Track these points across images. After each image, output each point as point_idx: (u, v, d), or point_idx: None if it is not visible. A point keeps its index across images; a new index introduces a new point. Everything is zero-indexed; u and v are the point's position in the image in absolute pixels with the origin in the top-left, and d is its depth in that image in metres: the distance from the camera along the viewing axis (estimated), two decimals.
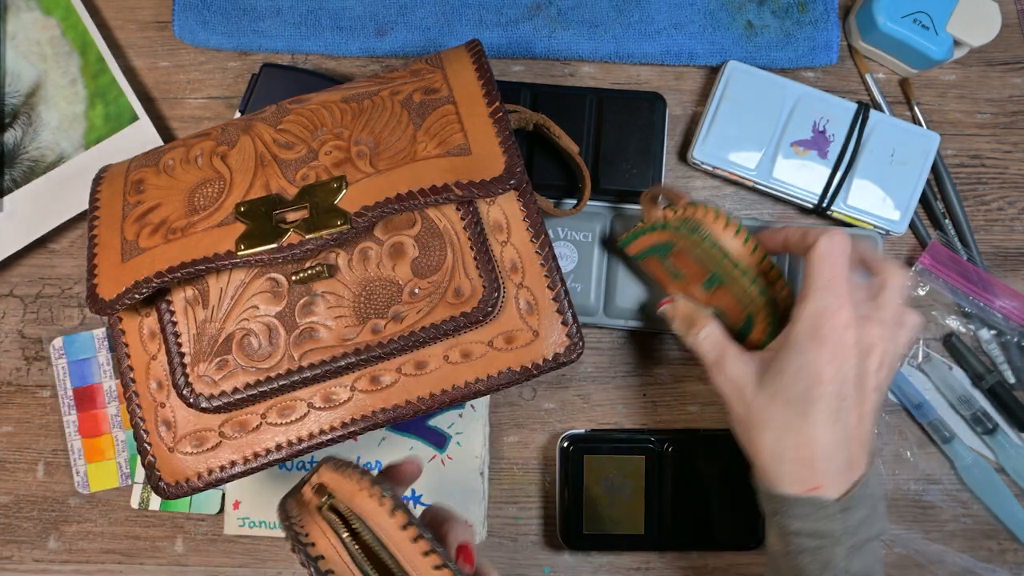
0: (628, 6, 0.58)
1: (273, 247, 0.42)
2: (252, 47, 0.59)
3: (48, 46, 0.57)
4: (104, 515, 0.57)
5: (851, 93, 0.60)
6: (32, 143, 0.56)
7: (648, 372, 0.58)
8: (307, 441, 0.45)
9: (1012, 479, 0.57)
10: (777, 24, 0.58)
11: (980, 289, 0.57)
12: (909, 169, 0.56)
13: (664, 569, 0.57)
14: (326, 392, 0.45)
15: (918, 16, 0.56)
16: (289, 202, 0.43)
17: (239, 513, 0.55)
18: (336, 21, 0.58)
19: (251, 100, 0.57)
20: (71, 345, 0.57)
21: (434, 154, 0.44)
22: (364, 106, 0.46)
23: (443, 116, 0.45)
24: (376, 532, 0.34)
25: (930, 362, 0.58)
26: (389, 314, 0.44)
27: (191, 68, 0.60)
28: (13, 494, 0.57)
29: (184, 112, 0.60)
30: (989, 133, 0.60)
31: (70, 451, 0.56)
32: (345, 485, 0.35)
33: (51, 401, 0.58)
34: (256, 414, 0.45)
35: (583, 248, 0.56)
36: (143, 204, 0.46)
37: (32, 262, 0.58)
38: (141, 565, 0.57)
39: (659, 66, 0.60)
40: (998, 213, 0.59)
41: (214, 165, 0.46)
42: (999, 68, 0.60)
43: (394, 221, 0.45)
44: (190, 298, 0.45)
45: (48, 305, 0.58)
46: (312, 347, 0.44)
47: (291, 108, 0.48)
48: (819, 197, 0.56)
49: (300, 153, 0.45)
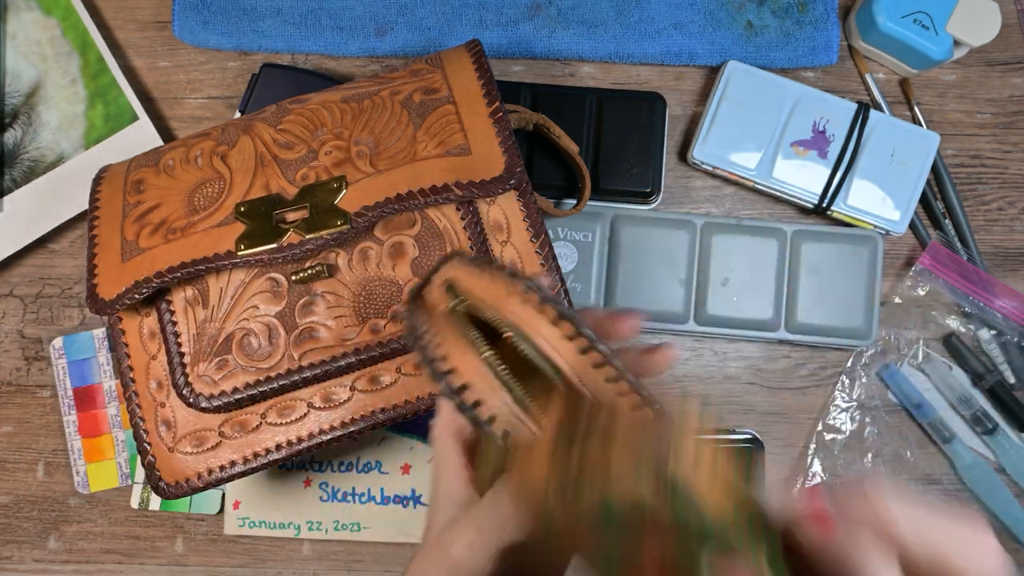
0: (628, 6, 0.58)
1: (273, 247, 0.42)
2: (252, 47, 0.59)
3: (48, 46, 0.57)
4: (104, 515, 0.57)
5: (851, 93, 0.60)
6: (32, 143, 0.56)
7: None
8: (307, 441, 0.45)
9: (1012, 479, 0.57)
10: (777, 24, 0.58)
11: (980, 289, 0.57)
12: (909, 169, 0.56)
13: None
14: (326, 392, 0.45)
15: (918, 16, 0.56)
16: (289, 202, 0.43)
17: (239, 513, 0.55)
18: (336, 21, 0.58)
19: (251, 100, 0.57)
20: (71, 345, 0.57)
21: (434, 154, 0.44)
22: (364, 106, 0.46)
23: (443, 116, 0.45)
24: (540, 348, 0.26)
25: (930, 362, 0.58)
26: (389, 314, 0.44)
27: (191, 68, 0.60)
28: (13, 494, 0.57)
29: (184, 112, 0.60)
30: (989, 133, 0.60)
31: (70, 451, 0.56)
32: (486, 285, 0.27)
33: (51, 401, 0.58)
34: (256, 414, 0.45)
35: (583, 248, 0.56)
36: (143, 204, 0.46)
37: (32, 262, 0.58)
38: (141, 565, 0.57)
39: (659, 66, 0.60)
40: (998, 213, 0.59)
41: (214, 165, 0.46)
42: (999, 68, 0.60)
43: (394, 221, 0.45)
44: (190, 298, 0.45)
45: (48, 305, 0.58)
46: (312, 347, 0.44)
47: (291, 108, 0.48)
48: (819, 197, 0.56)
49: (300, 153, 0.45)
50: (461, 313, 0.27)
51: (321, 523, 0.55)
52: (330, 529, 0.55)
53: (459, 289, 0.28)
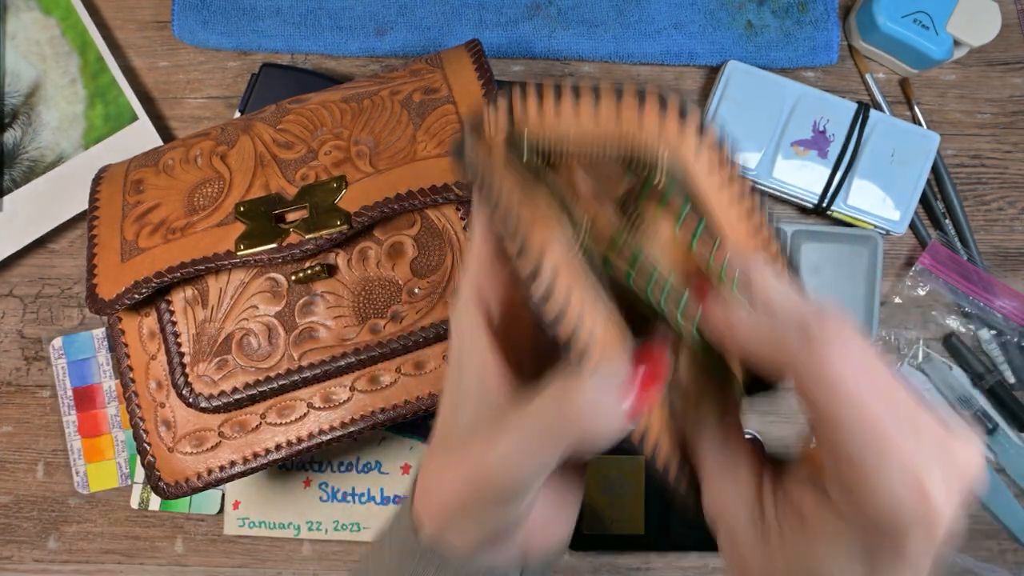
0: (628, 6, 0.58)
1: (273, 247, 0.42)
2: (252, 47, 0.59)
3: (48, 46, 0.57)
4: (104, 515, 0.57)
5: (851, 93, 0.60)
6: (32, 143, 0.56)
7: None
8: (307, 441, 0.45)
9: (1012, 479, 0.57)
10: (777, 24, 0.58)
11: (980, 289, 0.57)
12: (909, 169, 0.56)
13: (664, 569, 0.57)
14: (326, 392, 0.45)
15: (918, 16, 0.56)
16: (289, 202, 0.43)
17: (239, 513, 0.55)
18: (336, 21, 0.58)
19: (251, 100, 0.57)
20: (71, 345, 0.57)
21: (434, 154, 0.44)
22: (364, 106, 0.46)
23: (443, 116, 0.45)
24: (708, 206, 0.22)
25: (930, 362, 0.58)
26: (388, 314, 0.44)
27: (191, 68, 0.60)
28: (13, 494, 0.57)
29: (184, 112, 0.60)
30: (989, 133, 0.60)
31: (70, 451, 0.56)
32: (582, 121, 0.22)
33: (51, 401, 0.58)
34: (256, 414, 0.45)
35: None
36: (143, 204, 0.46)
37: (32, 262, 0.58)
38: (141, 565, 0.57)
39: (659, 66, 0.60)
40: (998, 213, 0.59)
41: (214, 165, 0.46)
42: (999, 68, 0.60)
43: (393, 221, 0.45)
44: (190, 298, 0.45)
45: (48, 305, 0.58)
46: (312, 347, 0.44)
47: (291, 108, 0.48)
48: (819, 197, 0.56)
49: (300, 153, 0.45)
50: (536, 159, 0.22)
51: (321, 523, 0.55)
52: (330, 529, 0.55)
53: (523, 125, 0.22)
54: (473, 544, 0.27)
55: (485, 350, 0.26)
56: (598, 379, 0.23)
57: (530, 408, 0.24)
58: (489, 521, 0.26)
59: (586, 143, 0.22)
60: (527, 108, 0.23)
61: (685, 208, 0.22)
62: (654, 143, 0.22)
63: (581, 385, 0.23)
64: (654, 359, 0.23)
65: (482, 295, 0.26)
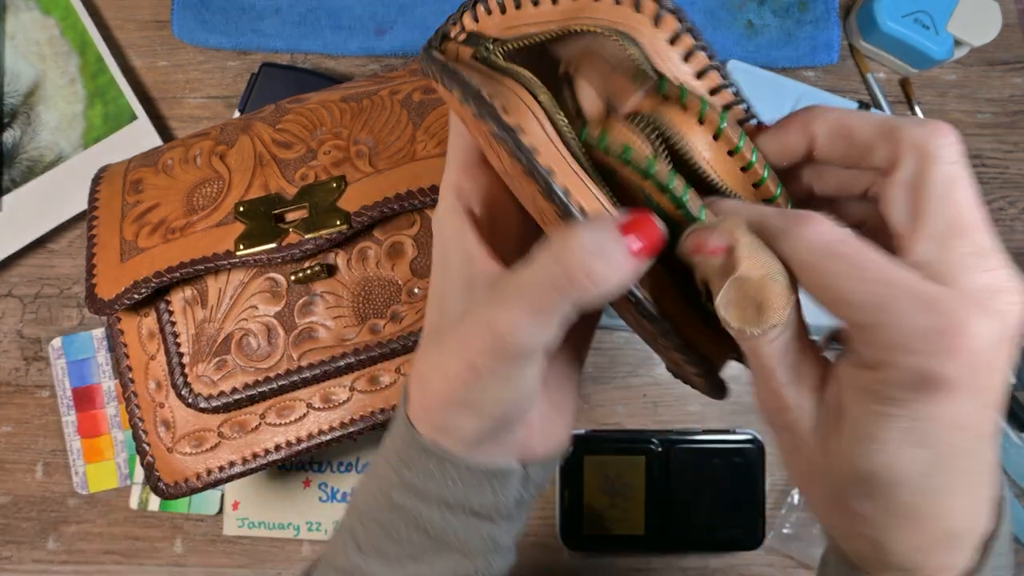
0: None
1: (272, 247, 0.42)
2: (251, 46, 0.59)
3: (47, 46, 0.57)
4: (103, 515, 0.57)
5: (852, 93, 0.60)
6: (31, 143, 0.56)
7: (648, 372, 0.58)
8: (306, 441, 0.45)
9: (1012, 479, 0.57)
10: (778, 23, 0.58)
11: None
12: None
13: (664, 569, 0.57)
14: (325, 392, 0.45)
15: (919, 16, 0.55)
16: (288, 202, 0.43)
17: (238, 513, 0.55)
18: (335, 20, 0.58)
19: (250, 100, 0.57)
20: (70, 345, 0.57)
21: (434, 153, 0.44)
22: (363, 105, 0.46)
23: (443, 115, 0.45)
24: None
25: None
26: (388, 314, 0.44)
27: (190, 68, 0.60)
28: (12, 494, 0.57)
29: (183, 112, 0.60)
30: (990, 133, 0.60)
31: (69, 451, 0.56)
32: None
33: (50, 401, 0.57)
34: (255, 414, 0.45)
35: None
36: (142, 204, 0.46)
37: (31, 262, 0.58)
38: (140, 565, 0.57)
39: None
40: (998, 213, 0.59)
41: (213, 165, 0.46)
42: (999, 68, 0.60)
43: (393, 221, 0.45)
44: (189, 298, 0.45)
45: (47, 305, 0.58)
46: (311, 347, 0.44)
47: (290, 108, 0.48)
48: None
49: (299, 153, 0.45)
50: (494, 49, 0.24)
51: (320, 523, 0.55)
52: (329, 530, 0.55)
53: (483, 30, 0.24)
54: (472, 437, 0.26)
55: (472, 243, 0.26)
56: (594, 225, 0.22)
57: (528, 269, 0.23)
58: (488, 408, 0.25)
59: (547, 32, 0.24)
60: (490, 9, 0.25)
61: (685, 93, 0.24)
62: (610, 18, 0.23)
63: (577, 232, 0.22)
64: (645, 216, 0.23)
65: (462, 196, 0.27)
